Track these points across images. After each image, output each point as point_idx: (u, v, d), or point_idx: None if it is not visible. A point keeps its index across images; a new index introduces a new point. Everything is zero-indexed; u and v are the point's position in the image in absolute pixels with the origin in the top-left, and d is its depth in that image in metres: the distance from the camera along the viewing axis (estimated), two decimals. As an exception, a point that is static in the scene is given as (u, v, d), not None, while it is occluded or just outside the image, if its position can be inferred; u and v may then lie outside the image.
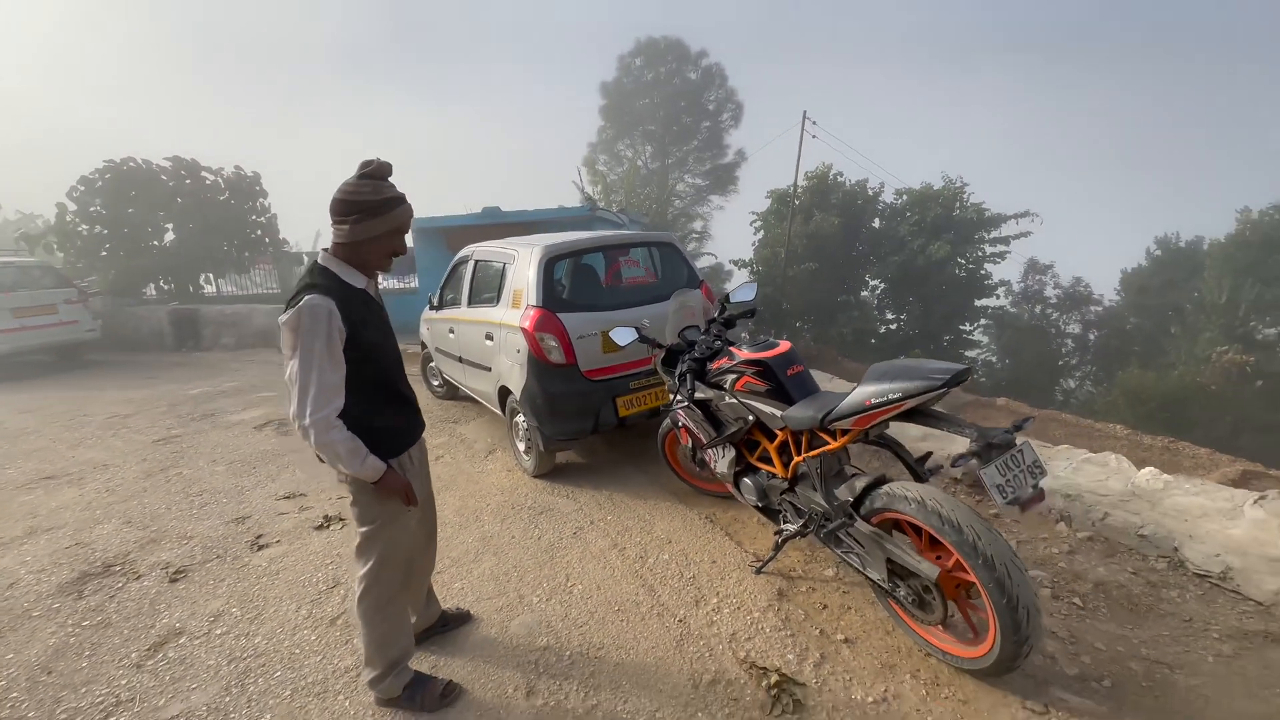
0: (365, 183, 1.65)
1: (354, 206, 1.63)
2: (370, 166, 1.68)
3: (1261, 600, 2.14)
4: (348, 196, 1.63)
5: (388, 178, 1.72)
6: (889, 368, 1.92)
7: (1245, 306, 16.66)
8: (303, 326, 1.56)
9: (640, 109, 28.20)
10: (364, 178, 1.66)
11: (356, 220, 1.64)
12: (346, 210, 1.64)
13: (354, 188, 1.64)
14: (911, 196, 19.76)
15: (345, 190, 1.64)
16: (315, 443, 1.60)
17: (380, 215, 1.66)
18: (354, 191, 1.64)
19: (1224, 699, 1.81)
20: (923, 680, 1.99)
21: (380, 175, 1.68)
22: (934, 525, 1.85)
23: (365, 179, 1.66)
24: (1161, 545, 2.44)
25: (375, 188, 1.66)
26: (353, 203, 1.63)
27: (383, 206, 1.66)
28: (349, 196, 1.63)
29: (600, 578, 2.72)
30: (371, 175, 1.67)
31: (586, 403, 3.67)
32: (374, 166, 1.68)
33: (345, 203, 1.63)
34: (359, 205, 1.63)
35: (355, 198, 1.63)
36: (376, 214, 1.65)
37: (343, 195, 1.64)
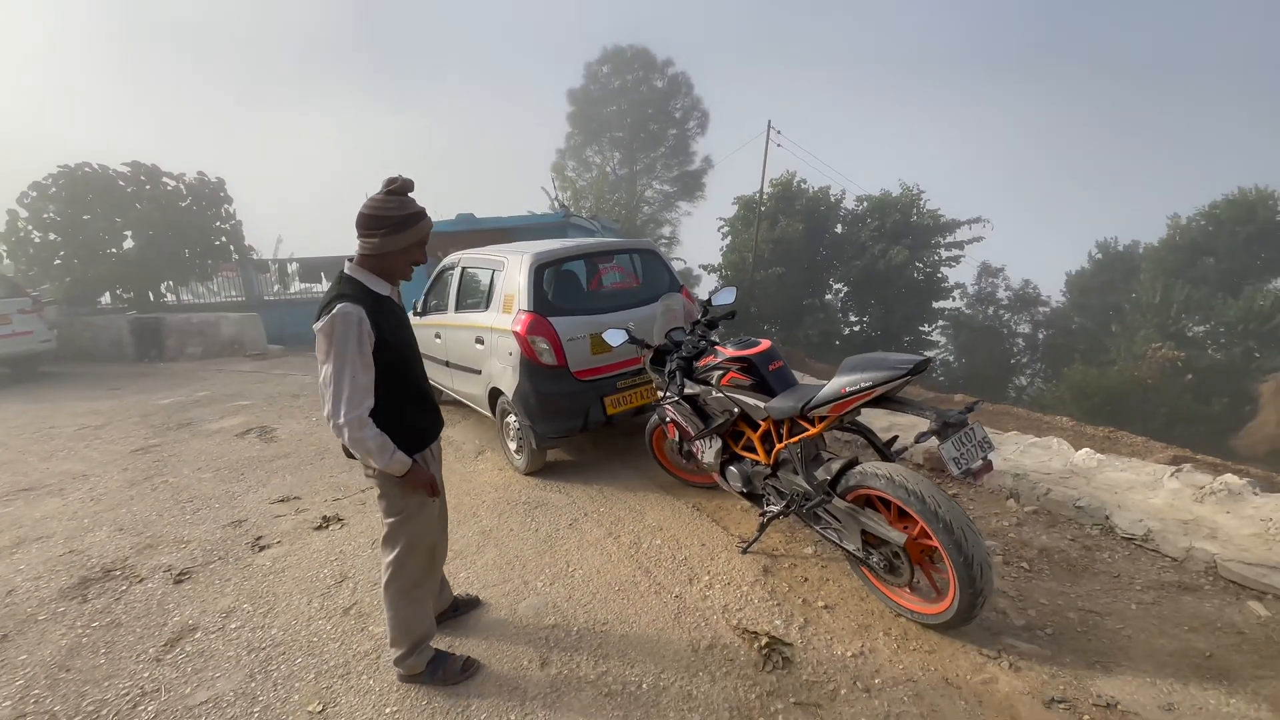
0: (391, 199, 1.82)
1: (381, 222, 1.80)
2: (395, 184, 1.84)
3: (1175, 556, 2.48)
4: (375, 212, 1.80)
5: (410, 193, 1.89)
6: (860, 360, 2.19)
7: (1176, 306, 17.86)
8: (336, 332, 1.72)
9: (608, 116, 28.49)
10: (390, 194, 1.83)
11: (385, 234, 1.80)
12: (375, 225, 1.80)
13: (381, 204, 1.81)
14: (871, 203, 20.53)
15: (373, 206, 1.81)
16: (349, 439, 1.76)
17: (405, 230, 1.83)
18: (381, 207, 1.80)
19: (1143, 638, 2.13)
20: (894, 636, 2.26)
21: (404, 191, 1.85)
22: (901, 497, 2.12)
23: (391, 195, 1.83)
24: (1095, 515, 2.78)
25: (400, 204, 1.82)
26: (380, 218, 1.80)
27: (407, 221, 1.83)
28: (376, 212, 1.80)
29: (599, 563, 2.92)
30: (397, 192, 1.84)
31: (576, 402, 3.86)
32: (399, 183, 1.84)
33: (373, 218, 1.80)
34: (386, 220, 1.80)
35: (382, 213, 1.80)
36: (402, 229, 1.82)
37: (370, 211, 1.80)
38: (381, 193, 1.83)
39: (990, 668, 2.06)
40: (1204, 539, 2.45)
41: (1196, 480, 2.77)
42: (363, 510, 3.71)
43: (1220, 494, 2.65)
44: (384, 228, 1.80)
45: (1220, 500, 2.63)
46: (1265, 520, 2.46)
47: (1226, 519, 2.54)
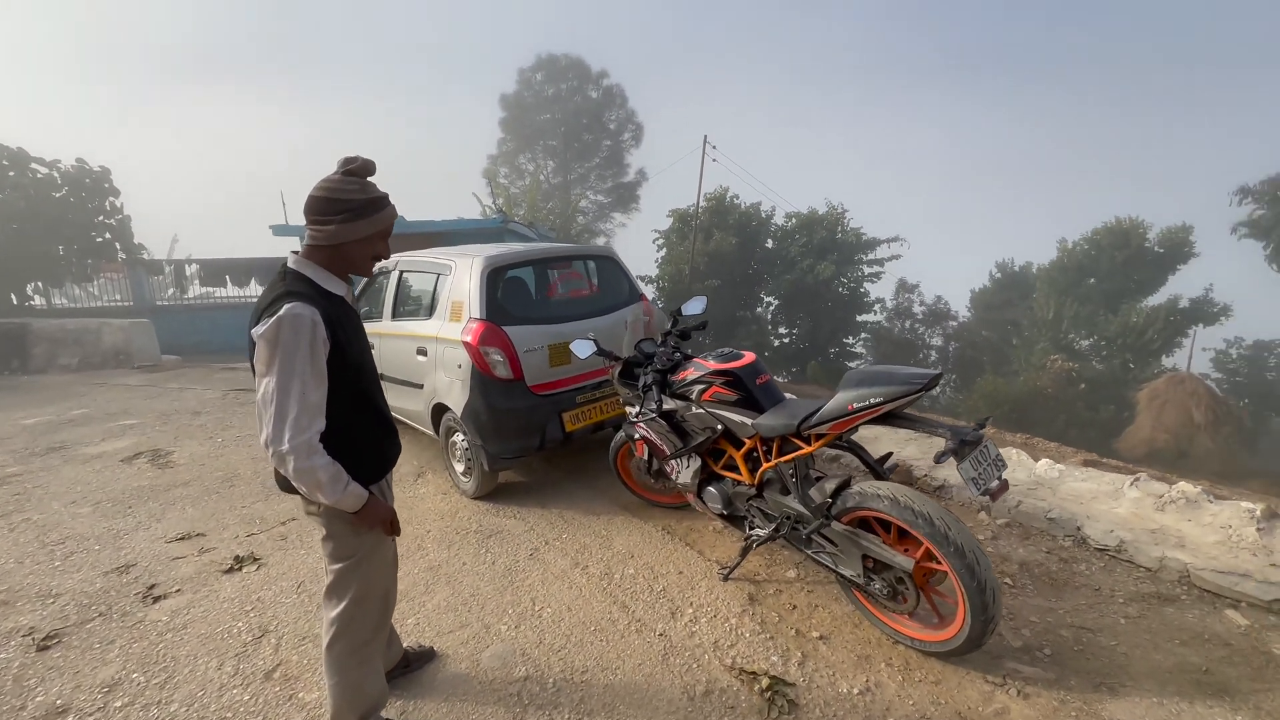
0: (350, 180, 1.51)
1: (339, 205, 1.48)
2: (355, 164, 1.53)
3: (1149, 567, 2.53)
4: (331, 194, 1.48)
5: (371, 177, 1.58)
6: (866, 374, 2.06)
7: (1066, 321, 19.68)
8: (282, 339, 1.38)
9: (542, 124, 28.10)
10: (348, 174, 1.52)
11: (342, 220, 1.49)
12: (330, 209, 1.48)
13: (338, 184, 1.49)
14: (799, 220, 21.32)
15: (328, 187, 1.49)
16: (293, 470, 1.41)
17: (366, 216, 1.52)
18: (338, 189, 1.49)
19: (1139, 654, 2.11)
20: (896, 667, 2.13)
21: (365, 174, 1.55)
22: (907, 520, 2.00)
23: (350, 176, 1.52)
24: (1066, 526, 2.81)
25: (360, 186, 1.52)
26: (338, 200, 1.48)
27: (369, 206, 1.52)
28: (333, 194, 1.48)
29: (568, 599, 2.63)
30: (355, 173, 1.53)
31: (533, 419, 3.55)
32: (359, 164, 1.53)
33: (329, 200, 1.48)
34: (345, 204, 1.48)
35: (340, 195, 1.48)
36: (363, 214, 1.51)
37: (325, 193, 1.48)
38: (338, 173, 1.52)
39: (1000, 696, 1.97)
40: (1174, 548, 2.51)
41: (1155, 489, 2.87)
42: (284, 546, 3.21)
43: (1179, 502, 2.75)
44: (341, 212, 1.48)
45: (1180, 508, 2.73)
46: (1225, 527, 2.56)
47: (1189, 527, 2.63)
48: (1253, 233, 18.64)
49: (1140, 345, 18.35)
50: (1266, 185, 18.28)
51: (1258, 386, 19.93)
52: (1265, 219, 18.33)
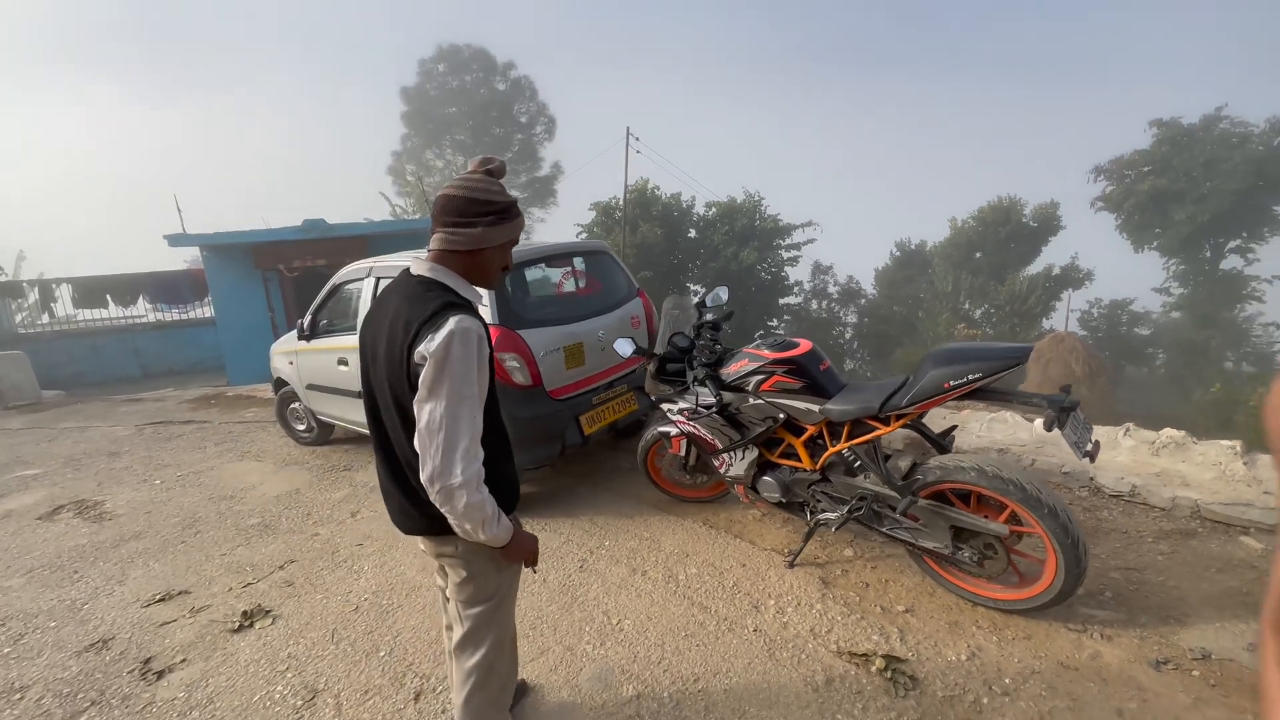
0: (493, 181, 1.36)
1: (486, 206, 1.32)
2: (494, 164, 1.39)
3: (1163, 506, 2.82)
4: (477, 194, 1.31)
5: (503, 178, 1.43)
6: (953, 351, 2.12)
7: (963, 293, 21.61)
8: (453, 358, 1.21)
9: (448, 117, 26.86)
10: (490, 174, 1.36)
11: (490, 223, 1.32)
12: (476, 210, 1.31)
13: (483, 185, 1.33)
14: (720, 209, 21.87)
15: (472, 187, 1.31)
16: (465, 505, 1.24)
17: (510, 220, 1.37)
18: (484, 189, 1.32)
19: (1188, 585, 2.35)
20: (987, 629, 2.23)
21: (502, 176, 1.40)
22: (997, 488, 2.09)
23: (491, 177, 1.36)
24: (1080, 478, 3.07)
25: (502, 188, 1.37)
26: (485, 202, 1.31)
27: (511, 210, 1.38)
28: (479, 195, 1.31)
29: (643, 607, 2.53)
30: (496, 174, 1.38)
31: (553, 425, 3.40)
32: (498, 164, 1.39)
33: (475, 201, 1.31)
34: (491, 205, 1.32)
35: (486, 196, 1.32)
36: (506, 217, 1.36)
37: (470, 193, 1.31)
38: (478, 172, 1.35)
39: (1087, 642, 2.11)
40: (1180, 487, 2.82)
41: (1146, 436, 3.20)
42: (293, 593, 2.86)
43: (1169, 446, 3.08)
44: (488, 214, 1.32)
45: (1172, 451, 3.06)
46: (1216, 464, 2.90)
47: (1185, 467, 2.96)
48: (1106, 206, 21.33)
49: (1025, 310, 20.50)
50: (1115, 165, 20.96)
51: (1115, 340, 22.86)
52: (1115, 194, 21.02)
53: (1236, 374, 19.34)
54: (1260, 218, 18.74)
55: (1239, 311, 20.40)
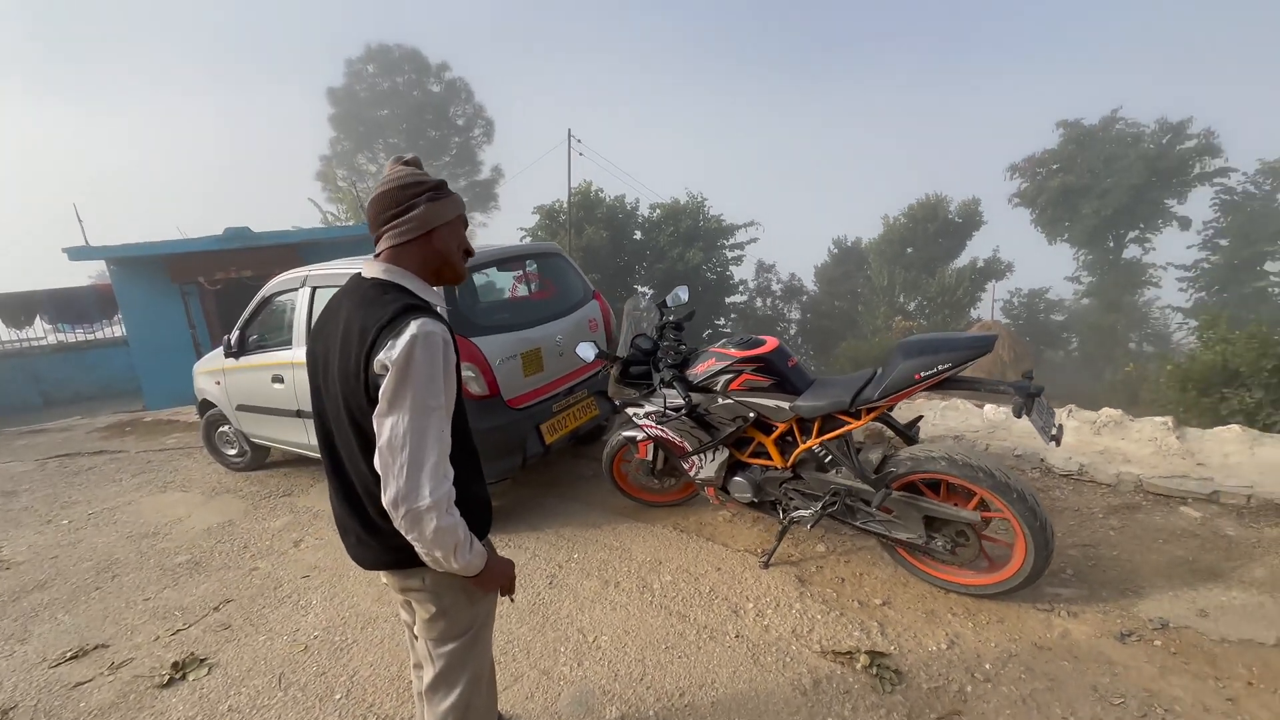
0: (415, 170, 1.27)
1: (421, 186, 1.23)
2: (408, 156, 1.30)
3: (1109, 483, 2.96)
4: (406, 180, 1.22)
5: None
6: (925, 343, 2.13)
7: (898, 287, 22.58)
8: (416, 365, 1.08)
9: (380, 119, 25.84)
10: (406, 165, 1.27)
11: (430, 198, 1.22)
12: (413, 192, 1.22)
13: (408, 171, 1.25)
14: (664, 210, 21.99)
15: (398, 176, 1.24)
16: (434, 530, 1.11)
17: (447, 195, 1.27)
18: (411, 174, 1.24)
19: (1139, 558, 2.46)
20: (962, 616, 2.26)
21: (417, 165, 1.29)
22: (967, 476, 2.12)
23: (408, 165, 1.27)
24: (1031, 459, 3.19)
25: (424, 172, 1.27)
26: (417, 183, 1.23)
27: (444, 186, 1.28)
28: (408, 180, 1.22)
29: (619, 621, 2.43)
30: (412, 164, 1.29)
31: (513, 435, 3.25)
32: (411, 157, 1.30)
33: (408, 185, 1.22)
34: (425, 184, 1.23)
35: (416, 178, 1.23)
36: (443, 192, 1.26)
37: (395, 182, 1.23)
38: (398, 165, 1.28)
39: (1056, 621, 2.17)
40: (1123, 464, 2.97)
41: (1087, 416, 3.37)
42: (231, 637, 2.60)
43: (1109, 425, 3.25)
44: (424, 191, 1.23)
45: (1111, 429, 3.23)
46: (1151, 440, 3.08)
47: (1125, 444, 3.13)
48: (1022, 202, 22.80)
49: (954, 302, 21.62)
50: (1028, 163, 22.44)
51: (1034, 327, 24.46)
52: (1029, 191, 22.50)
53: (1140, 354, 21.10)
54: (1154, 210, 20.49)
55: (1139, 296, 22.26)
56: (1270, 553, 2.40)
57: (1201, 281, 20.26)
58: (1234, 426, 3.00)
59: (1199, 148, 19.62)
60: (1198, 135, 19.63)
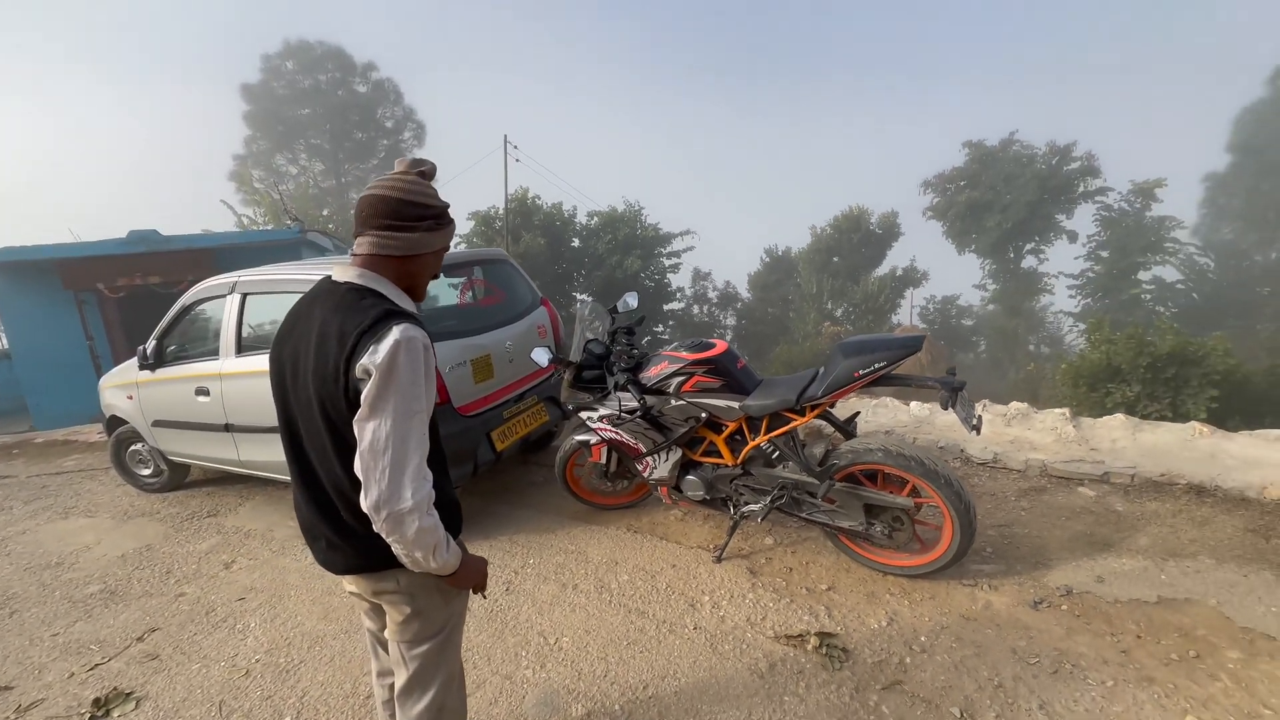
0: (429, 185, 1.26)
1: (423, 210, 1.21)
2: (425, 166, 1.28)
3: (1019, 469, 3.28)
4: (413, 197, 1.20)
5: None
6: (862, 343, 2.31)
7: (826, 294, 23.72)
8: (399, 370, 1.09)
9: (301, 119, 24.56)
10: (424, 175, 1.26)
11: (429, 228, 1.22)
12: (413, 213, 1.20)
13: (419, 186, 1.22)
14: (602, 218, 22.13)
15: (407, 189, 1.20)
16: (415, 532, 1.12)
17: (446, 226, 1.28)
18: (420, 191, 1.22)
19: (1046, 533, 2.75)
20: (898, 595, 2.45)
21: (433, 178, 1.30)
22: (901, 465, 2.31)
23: (425, 179, 1.26)
24: (953, 450, 3.49)
25: (437, 193, 1.27)
26: (421, 205, 1.21)
27: (447, 215, 1.29)
28: (415, 197, 1.20)
29: (580, 622, 2.46)
30: (429, 176, 1.28)
31: (464, 443, 3.22)
32: (430, 166, 1.29)
33: (411, 204, 1.20)
34: (429, 209, 1.22)
35: (423, 200, 1.22)
36: (444, 222, 1.27)
37: (405, 195, 1.19)
38: (410, 173, 1.24)
39: (979, 594, 2.40)
40: (1030, 451, 3.30)
41: (998, 410, 3.71)
42: (159, 667, 2.43)
43: (1018, 417, 3.60)
44: (426, 218, 1.22)
45: (1019, 421, 3.58)
46: (1053, 429, 3.44)
47: (1031, 434, 3.47)
48: (935, 215, 24.52)
49: (877, 308, 22.95)
50: (939, 179, 24.20)
51: (948, 331, 26.35)
52: (940, 205, 24.24)
53: (1039, 354, 23.17)
54: (1047, 225, 22.59)
55: (1036, 302, 24.44)
56: (1151, 524, 2.75)
57: (1088, 289, 22.46)
58: (1119, 415, 3.41)
59: (1082, 169, 21.83)
60: (1081, 157, 21.86)
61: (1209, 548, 2.54)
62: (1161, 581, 2.36)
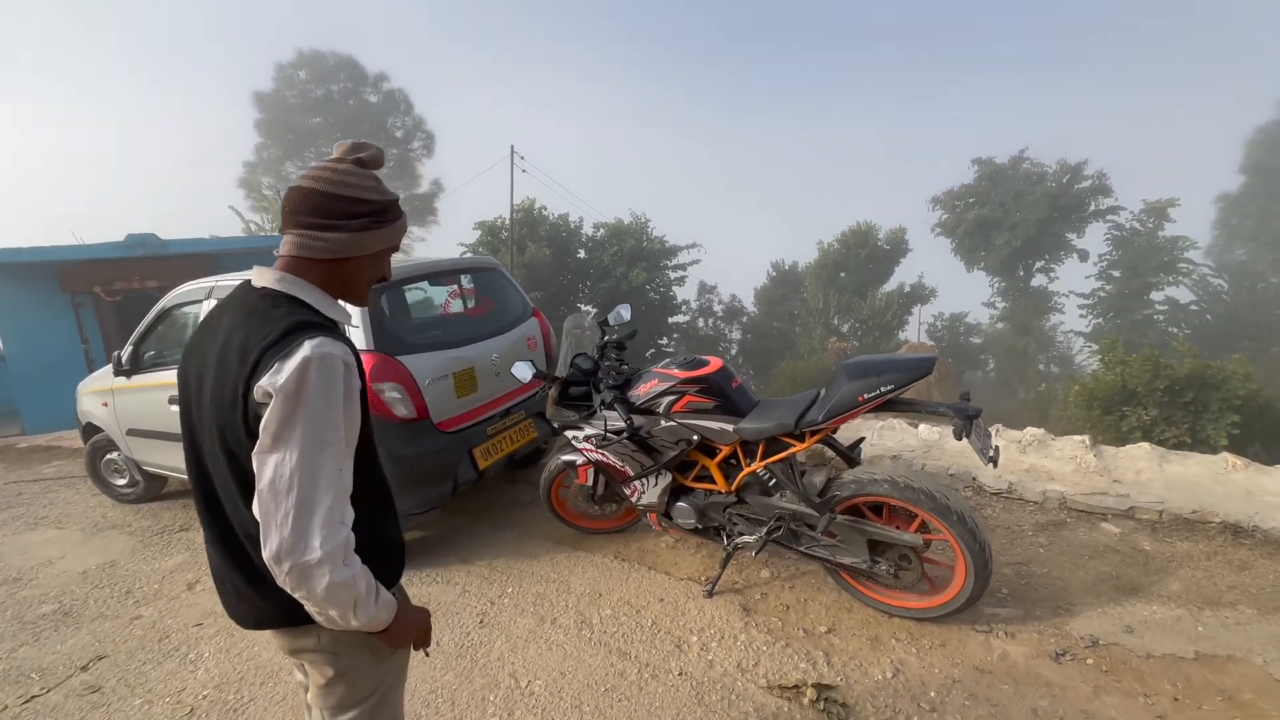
0: (367, 174, 1.06)
1: (355, 206, 1.03)
2: (368, 151, 1.08)
3: (1036, 500, 3.06)
4: (343, 190, 1.02)
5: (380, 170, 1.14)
6: (867, 364, 2.11)
7: (832, 309, 23.50)
8: (308, 393, 0.91)
9: (311, 127, 24.76)
10: (361, 164, 1.07)
11: (361, 226, 1.04)
12: (341, 210, 1.02)
13: (353, 178, 1.03)
14: (608, 230, 22.06)
15: (338, 181, 1.02)
16: (327, 587, 0.93)
17: (386, 223, 1.08)
18: (354, 184, 1.03)
19: (1068, 574, 2.52)
20: (905, 641, 2.23)
21: (376, 166, 1.10)
22: (909, 498, 2.11)
23: (364, 168, 1.07)
24: (964, 478, 3.27)
25: (378, 184, 1.08)
26: (354, 200, 1.02)
27: (390, 210, 1.09)
28: (345, 190, 1.02)
29: (556, 662, 2.26)
30: (370, 164, 1.08)
31: (443, 461, 3.04)
32: (372, 152, 1.09)
33: (343, 199, 1.02)
34: (366, 205, 1.04)
35: (357, 194, 1.03)
36: (384, 220, 1.07)
37: (333, 188, 1.02)
38: (349, 162, 1.05)
39: (995, 643, 2.18)
40: (1048, 481, 3.08)
41: (1013, 435, 3.50)
42: (98, 702, 2.25)
43: (1034, 444, 3.39)
44: (361, 215, 1.03)
45: (1035, 448, 3.36)
46: (1072, 458, 3.21)
47: (1048, 462, 3.25)
48: (943, 232, 24.33)
49: (884, 324, 22.70)
50: (948, 195, 24.04)
51: (955, 348, 26.01)
52: (949, 221, 24.06)
53: (1048, 374, 22.80)
54: (1057, 243, 22.33)
55: (1046, 321, 24.11)
56: (1183, 566, 2.52)
57: (1099, 308, 22.13)
58: (1144, 445, 3.19)
59: (1093, 187, 21.61)
60: (1092, 176, 21.65)
61: (1250, 596, 2.31)
62: (1199, 634, 2.13)
